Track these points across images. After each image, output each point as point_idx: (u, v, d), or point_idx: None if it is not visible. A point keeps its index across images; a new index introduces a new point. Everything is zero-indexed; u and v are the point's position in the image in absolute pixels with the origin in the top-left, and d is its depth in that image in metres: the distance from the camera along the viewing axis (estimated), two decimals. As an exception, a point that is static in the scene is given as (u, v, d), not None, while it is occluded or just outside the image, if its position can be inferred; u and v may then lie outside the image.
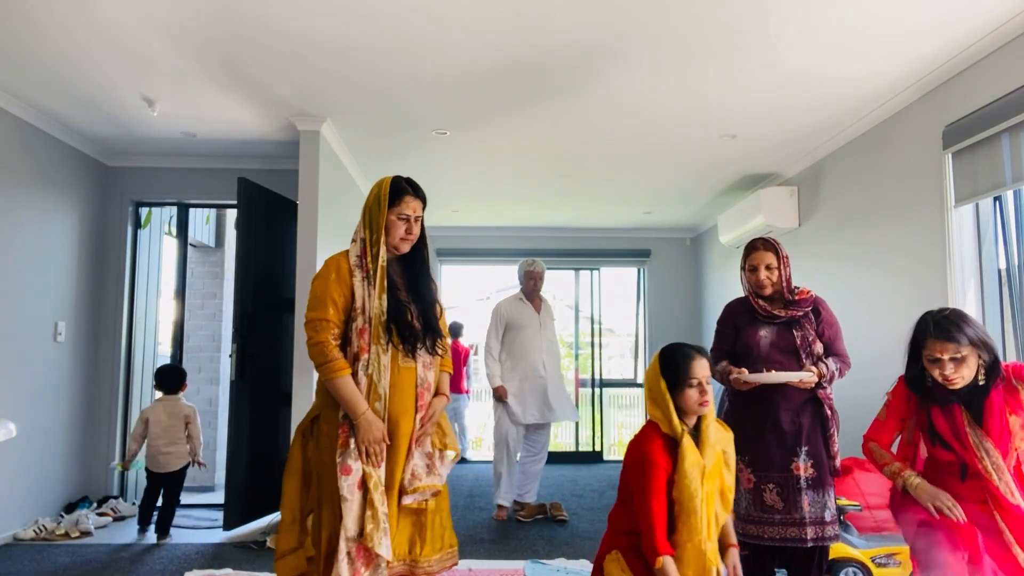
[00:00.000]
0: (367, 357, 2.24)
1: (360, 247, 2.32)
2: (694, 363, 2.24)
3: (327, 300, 2.25)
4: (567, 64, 3.59)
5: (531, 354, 4.82)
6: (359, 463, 2.18)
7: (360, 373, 2.23)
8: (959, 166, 3.43)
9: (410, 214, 2.33)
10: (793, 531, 2.66)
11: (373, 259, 2.28)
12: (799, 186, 5.30)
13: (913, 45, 3.33)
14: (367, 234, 2.33)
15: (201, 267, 6.27)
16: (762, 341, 2.81)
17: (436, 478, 2.31)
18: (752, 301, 2.86)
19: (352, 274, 2.28)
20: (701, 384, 2.23)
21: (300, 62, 3.59)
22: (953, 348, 2.21)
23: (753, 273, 2.84)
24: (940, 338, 2.23)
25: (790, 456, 2.71)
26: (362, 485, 2.17)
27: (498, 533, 4.39)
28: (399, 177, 2.38)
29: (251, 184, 4.53)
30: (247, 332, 4.41)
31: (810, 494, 2.68)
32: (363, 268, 2.29)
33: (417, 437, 2.30)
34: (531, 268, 4.99)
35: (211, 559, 3.83)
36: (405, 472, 2.25)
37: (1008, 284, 3.35)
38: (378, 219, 2.31)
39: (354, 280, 2.28)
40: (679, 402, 2.24)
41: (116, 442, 5.06)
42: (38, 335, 4.44)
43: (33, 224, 4.38)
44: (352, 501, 2.15)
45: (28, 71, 3.73)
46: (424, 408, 2.31)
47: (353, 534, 2.13)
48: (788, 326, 2.81)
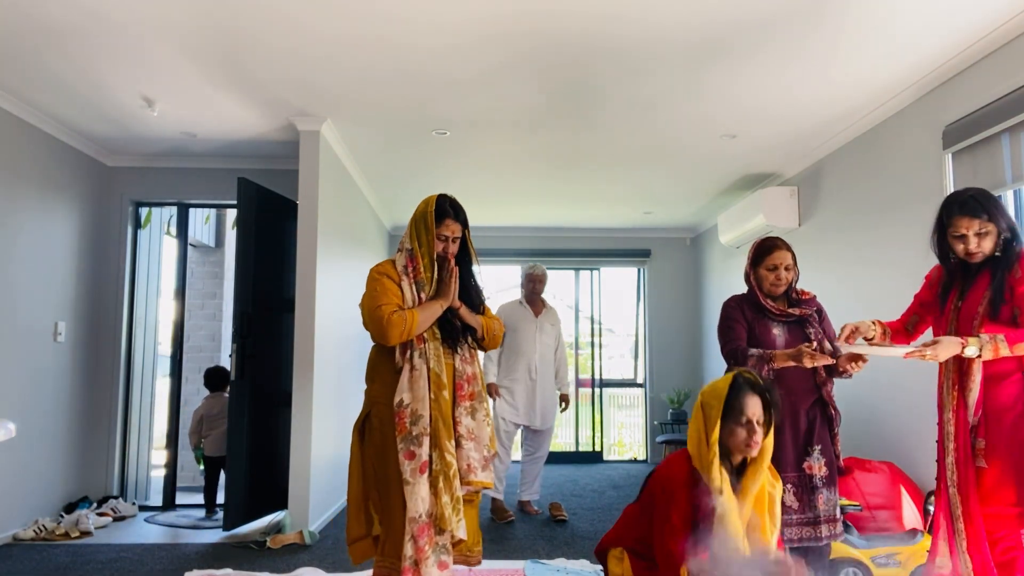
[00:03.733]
0: (423, 347, 2.40)
1: (406, 257, 2.48)
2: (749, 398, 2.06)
3: (385, 291, 2.41)
4: (567, 63, 3.59)
5: (523, 356, 4.88)
6: (422, 448, 2.30)
7: (417, 361, 2.38)
8: (959, 166, 3.43)
9: (448, 235, 2.49)
10: (808, 531, 2.65)
11: (425, 268, 2.47)
12: (799, 186, 5.30)
13: (913, 45, 3.33)
14: (415, 245, 2.49)
15: (201, 267, 6.28)
16: (777, 340, 2.78)
17: (488, 475, 2.43)
18: (762, 300, 2.82)
19: (400, 279, 2.45)
20: (751, 423, 2.05)
21: (300, 61, 3.59)
22: (979, 224, 2.33)
23: (773, 272, 2.80)
24: (966, 214, 2.34)
25: (803, 456, 2.70)
26: (426, 469, 2.29)
27: (498, 533, 4.39)
28: (443, 198, 2.51)
29: (251, 184, 4.53)
30: (247, 332, 4.41)
31: (825, 492, 2.67)
32: (410, 275, 2.46)
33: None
34: (531, 271, 5.07)
35: (211, 559, 3.83)
36: (461, 462, 2.36)
37: (1008, 284, 3.35)
38: (428, 234, 2.47)
39: (402, 284, 2.44)
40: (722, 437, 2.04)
41: (116, 442, 5.07)
42: (38, 335, 4.44)
43: (33, 224, 4.38)
44: (415, 484, 2.26)
45: (28, 71, 3.73)
46: (464, 399, 2.44)
47: (415, 515, 2.25)
48: (799, 325, 2.80)
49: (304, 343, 4.34)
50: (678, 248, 7.98)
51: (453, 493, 2.29)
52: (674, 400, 7.32)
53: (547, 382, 4.94)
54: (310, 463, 4.29)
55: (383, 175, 5.65)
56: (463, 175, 5.66)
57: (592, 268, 8.04)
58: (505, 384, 4.86)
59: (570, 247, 7.85)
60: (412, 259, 2.48)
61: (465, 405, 2.44)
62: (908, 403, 3.79)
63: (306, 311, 4.36)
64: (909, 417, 3.75)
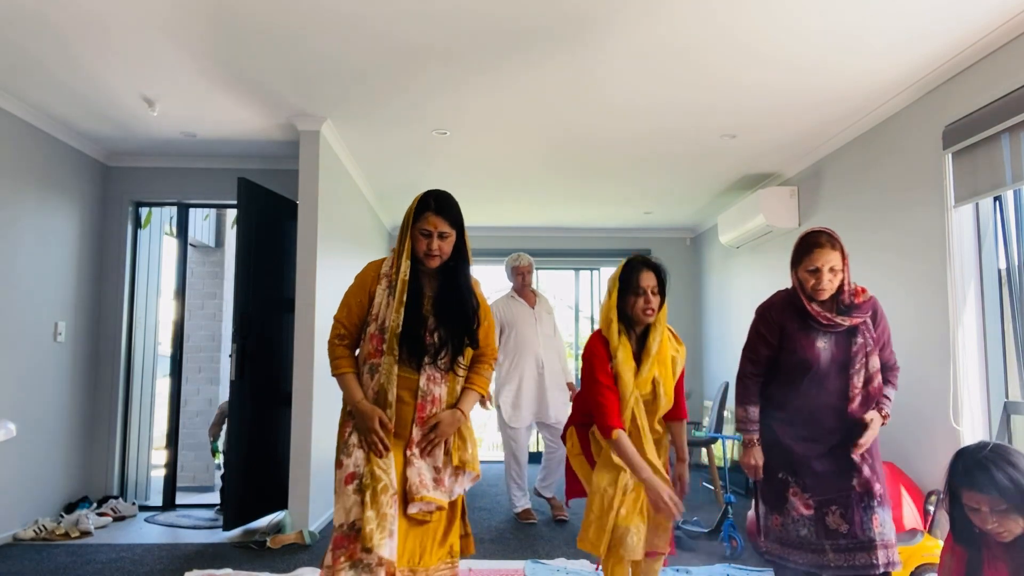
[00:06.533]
0: (376, 362, 2.27)
1: (391, 257, 2.37)
2: (643, 274, 2.48)
3: (345, 303, 2.35)
4: (567, 63, 3.59)
5: (528, 351, 4.78)
6: (352, 459, 2.23)
7: (366, 376, 2.29)
8: (959, 166, 3.43)
9: (431, 230, 2.27)
10: (863, 556, 2.38)
11: (398, 271, 2.31)
12: (799, 186, 5.30)
13: (913, 45, 3.33)
14: (397, 247, 2.37)
15: (201, 267, 6.28)
16: (822, 355, 2.47)
17: (442, 494, 2.27)
18: (806, 304, 2.47)
19: (378, 281, 2.33)
20: (646, 292, 2.46)
21: (300, 62, 3.59)
22: (989, 500, 1.82)
23: (814, 275, 2.44)
24: (972, 488, 1.86)
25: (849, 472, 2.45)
26: (353, 479, 2.20)
27: (498, 533, 4.39)
28: (429, 192, 2.35)
29: (251, 184, 4.53)
30: (247, 332, 4.41)
31: (880, 513, 2.41)
32: (388, 277, 2.33)
33: (418, 444, 2.26)
34: (516, 263, 4.94)
35: (211, 559, 3.83)
36: (410, 479, 2.22)
37: (1008, 284, 3.35)
38: (404, 233, 2.33)
39: (377, 287, 2.32)
40: (627, 309, 2.48)
41: (116, 442, 5.07)
42: (38, 335, 4.44)
43: (33, 224, 4.38)
44: (341, 495, 2.20)
45: (28, 71, 3.73)
46: (424, 421, 2.27)
47: (336, 523, 2.19)
48: (848, 334, 2.47)
49: (304, 343, 4.34)
50: (678, 248, 7.98)
51: (379, 509, 2.12)
52: (674, 400, 7.30)
53: (554, 372, 4.82)
54: (310, 463, 4.29)
55: (383, 175, 5.64)
56: (463, 175, 5.66)
57: (592, 268, 8.04)
58: (512, 388, 4.75)
59: (570, 247, 7.85)
60: (392, 260, 2.37)
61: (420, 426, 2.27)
62: (908, 403, 3.79)
63: (306, 311, 4.36)
64: (909, 417, 3.75)
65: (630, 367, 2.46)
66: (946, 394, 3.44)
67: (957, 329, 3.44)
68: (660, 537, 2.51)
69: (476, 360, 2.41)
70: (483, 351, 2.42)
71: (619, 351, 2.47)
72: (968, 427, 3.37)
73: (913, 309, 3.77)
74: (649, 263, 2.54)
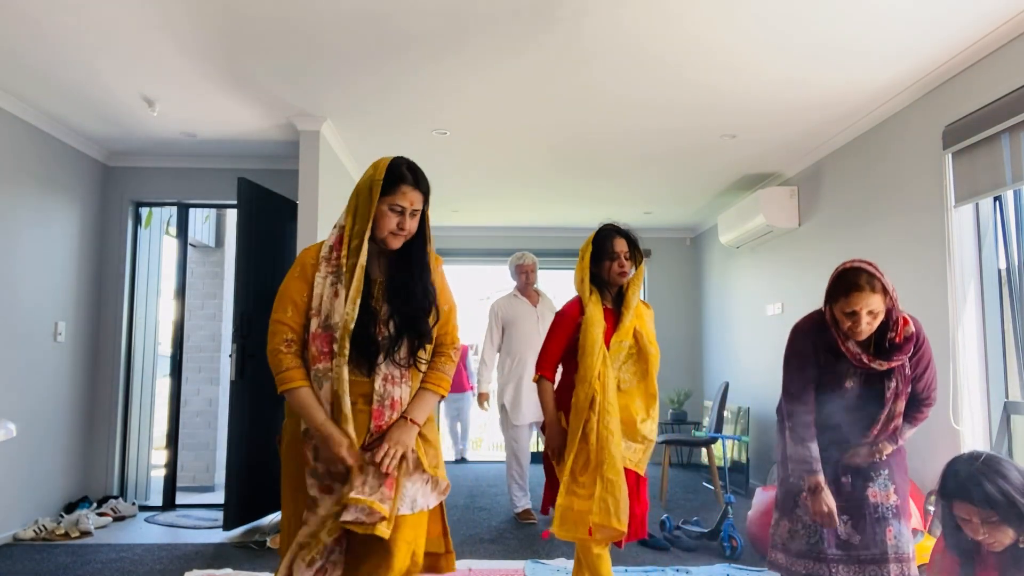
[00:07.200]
0: (321, 367, 1.90)
1: (336, 236, 1.96)
2: (616, 240, 2.68)
3: (286, 300, 1.98)
4: (567, 63, 3.59)
5: (530, 349, 4.77)
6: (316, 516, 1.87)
7: (316, 382, 1.90)
8: (959, 166, 3.43)
9: (406, 206, 1.92)
10: (873, 569, 2.28)
11: (351, 253, 1.91)
12: (799, 186, 5.30)
13: (913, 45, 3.33)
14: (348, 222, 1.95)
15: (201, 267, 6.27)
16: (849, 392, 2.32)
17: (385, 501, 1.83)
18: (841, 345, 2.27)
19: (317, 267, 1.94)
20: (619, 256, 2.65)
21: (300, 61, 3.59)
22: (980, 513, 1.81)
23: (850, 318, 2.21)
24: (963, 500, 1.85)
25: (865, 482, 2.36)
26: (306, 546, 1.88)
27: (498, 533, 4.39)
28: (400, 160, 1.97)
29: (251, 184, 4.53)
30: (247, 332, 4.41)
31: (895, 525, 2.31)
32: (331, 262, 1.93)
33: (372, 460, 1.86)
34: (520, 262, 4.94)
35: (211, 559, 3.83)
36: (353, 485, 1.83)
37: (1008, 284, 3.35)
38: (366, 207, 1.92)
39: (317, 275, 1.93)
40: (603, 273, 2.67)
41: (116, 442, 5.06)
42: (38, 335, 4.44)
43: (33, 224, 4.38)
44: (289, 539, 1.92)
45: (28, 71, 3.73)
46: (384, 428, 1.90)
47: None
48: (882, 375, 2.28)
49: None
50: (678, 248, 7.98)
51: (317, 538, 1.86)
52: (674, 400, 7.31)
53: None
54: (310, 463, 4.28)
55: (383, 175, 5.63)
56: (463, 175, 5.65)
57: (592, 268, 8.02)
58: (512, 387, 4.74)
59: (570, 247, 7.84)
60: (339, 239, 1.94)
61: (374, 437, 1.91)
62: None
63: (306, 311, 4.35)
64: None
65: (599, 323, 2.61)
66: (946, 394, 3.44)
67: (957, 329, 3.44)
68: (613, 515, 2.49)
69: (434, 354, 2.04)
70: (441, 341, 2.05)
71: (589, 306, 2.64)
72: (968, 427, 3.37)
73: (913, 309, 3.76)
74: (620, 230, 2.75)
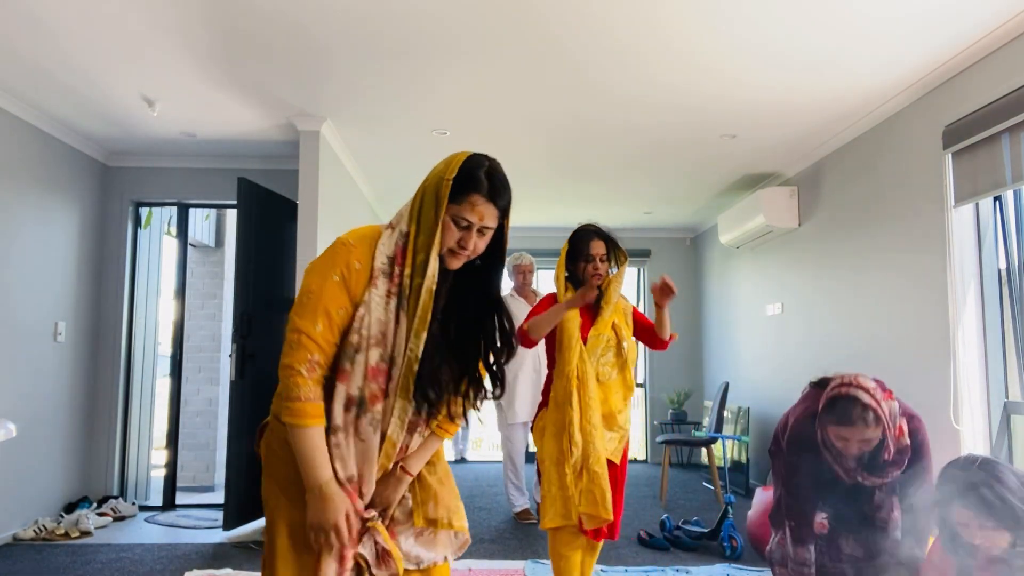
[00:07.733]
0: (380, 408, 1.49)
1: (397, 245, 1.51)
2: (592, 242, 2.70)
3: (319, 308, 1.46)
4: (567, 62, 3.59)
5: (527, 353, 4.77)
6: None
7: (367, 428, 1.49)
8: (959, 166, 3.43)
9: (473, 221, 1.51)
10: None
11: (416, 272, 1.48)
12: (799, 186, 5.29)
13: (913, 45, 3.33)
14: (412, 229, 1.50)
15: (201, 267, 6.27)
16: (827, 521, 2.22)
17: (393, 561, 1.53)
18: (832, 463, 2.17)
19: (373, 282, 1.48)
20: (595, 258, 2.68)
21: (300, 61, 3.59)
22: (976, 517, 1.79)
23: (843, 443, 2.13)
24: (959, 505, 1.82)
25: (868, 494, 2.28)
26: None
27: (498, 533, 4.39)
28: (478, 160, 1.54)
29: (251, 184, 4.53)
30: (247, 332, 4.41)
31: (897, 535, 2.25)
32: (393, 279, 1.49)
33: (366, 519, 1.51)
34: (518, 262, 4.93)
35: (211, 559, 3.83)
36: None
37: (1008, 284, 3.35)
38: (432, 212, 1.48)
39: (373, 292, 1.47)
40: (578, 273, 2.72)
41: (116, 442, 5.06)
42: (38, 335, 4.44)
43: (33, 224, 4.38)
44: None
45: (28, 71, 3.73)
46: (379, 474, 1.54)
47: None
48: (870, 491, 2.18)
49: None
50: (678, 248, 7.98)
51: None
52: (674, 400, 7.31)
53: None
54: (310, 463, 4.28)
55: (383, 175, 5.64)
56: (463, 175, 5.64)
57: (592, 268, 8.01)
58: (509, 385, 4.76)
59: (570, 247, 7.84)
60: (403, 251, 1.50)
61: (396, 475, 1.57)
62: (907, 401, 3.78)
63: (306, 311, 4.35)
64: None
65: (574, 318, 2.67)
66: (946, 394, 3.44)
67: (957, 329, 3.43)
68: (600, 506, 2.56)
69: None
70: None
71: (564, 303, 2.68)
72: (968, 427, 3.37)
73: (913, 309, 3.77)
74: (599, 232, 2.75)
